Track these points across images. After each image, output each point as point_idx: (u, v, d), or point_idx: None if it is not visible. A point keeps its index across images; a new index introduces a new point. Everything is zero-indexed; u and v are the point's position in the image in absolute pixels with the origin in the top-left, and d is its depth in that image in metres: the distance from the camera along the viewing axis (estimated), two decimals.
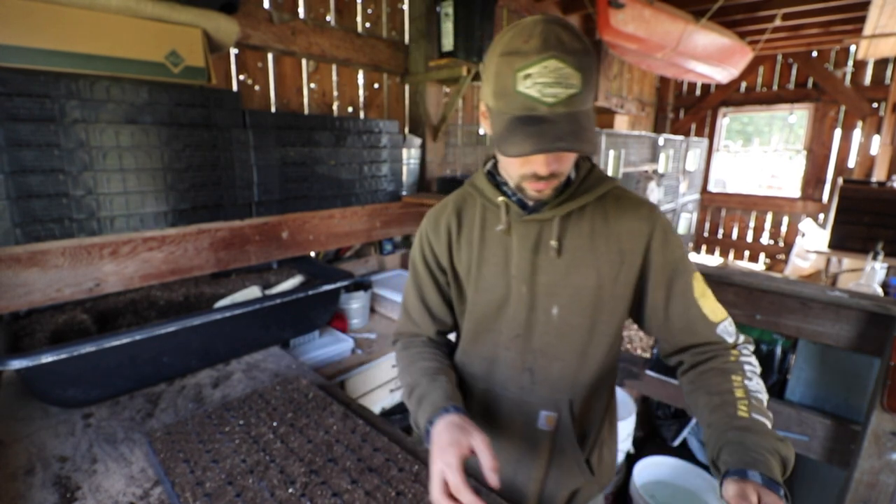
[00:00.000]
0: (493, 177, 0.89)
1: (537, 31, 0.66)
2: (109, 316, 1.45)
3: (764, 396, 0.77)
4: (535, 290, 0.85)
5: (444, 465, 0.67)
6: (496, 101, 0.71)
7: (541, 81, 0.65)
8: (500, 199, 0.85)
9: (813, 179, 5.05)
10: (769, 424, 0.70)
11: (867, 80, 4.59)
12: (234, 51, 1.79)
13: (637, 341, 3.32)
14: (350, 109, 2.24)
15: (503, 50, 0.68)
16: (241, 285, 1.69)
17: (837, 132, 4.84)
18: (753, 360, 0.84)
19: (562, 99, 0.66)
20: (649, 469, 1.85)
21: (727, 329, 0.85)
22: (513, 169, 0.78)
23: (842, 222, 3.34)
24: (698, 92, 5.65)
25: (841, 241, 3.36)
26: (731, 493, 0.60)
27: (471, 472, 0.73)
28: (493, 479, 0.66)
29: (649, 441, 2.28)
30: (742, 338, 0.87)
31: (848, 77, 4.66)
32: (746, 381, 0.77)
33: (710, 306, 0.85)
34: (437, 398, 0.79)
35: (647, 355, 1.94)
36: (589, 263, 0.83)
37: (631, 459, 1.97)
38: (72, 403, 1.15)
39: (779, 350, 1.67)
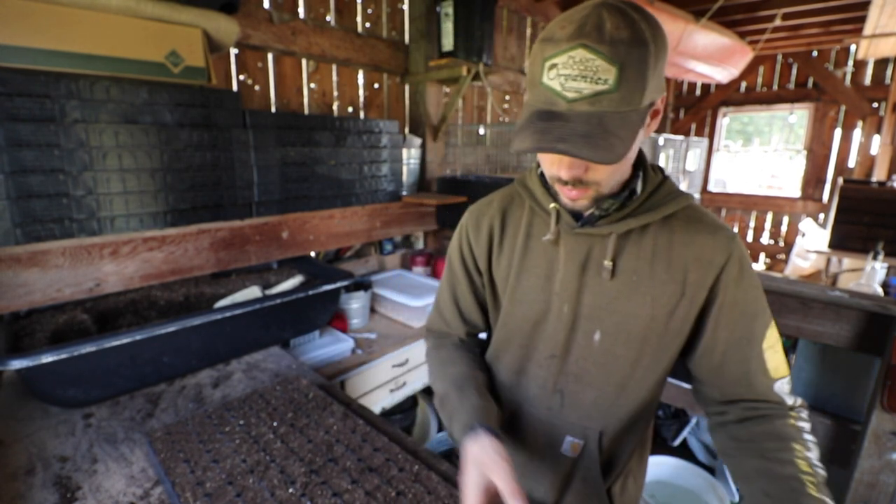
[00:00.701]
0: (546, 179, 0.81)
1: (580, 16, 0.58)
2: (109, 316, 1.45)
3: (824, 472, 0.70)
4: (579, 312, 0.78)
5: None
6: (528, 92, 0.65)
7: (564, 73, 0.58)
8: (552, 205, 0.76)
9: (813, 179, 5.04)
10: None
11: (867, 79, 4.58)
12: (234, 51, 1.79)
13: None
14: (350, 109, 2.24)
15: (542, 35, 0.62)
16: (241, 285, 1.69)
17: (837, 132, 4.83)
18: (809, 426, 0.75)
19: (585, 95, 0.57)
20: (649, 469, 1.84)
21: (784, 388, 0.75)
22: (545, 169, 0.71)
23: (842, 222, 3.34)
24: (698, 92, 5.65)
25: (841, 241, 3.35)
26: None
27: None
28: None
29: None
30: (798, 400, 0.76)
31: (848, 77, 4.66)
32: (808, 454, 0.69)
33: (776, 361, 0.75)
34: (464, 417, 0.74)
35: None
36: (643, 291, 0.73)
37: None
38: (72, 403, 1.15)
39: None
